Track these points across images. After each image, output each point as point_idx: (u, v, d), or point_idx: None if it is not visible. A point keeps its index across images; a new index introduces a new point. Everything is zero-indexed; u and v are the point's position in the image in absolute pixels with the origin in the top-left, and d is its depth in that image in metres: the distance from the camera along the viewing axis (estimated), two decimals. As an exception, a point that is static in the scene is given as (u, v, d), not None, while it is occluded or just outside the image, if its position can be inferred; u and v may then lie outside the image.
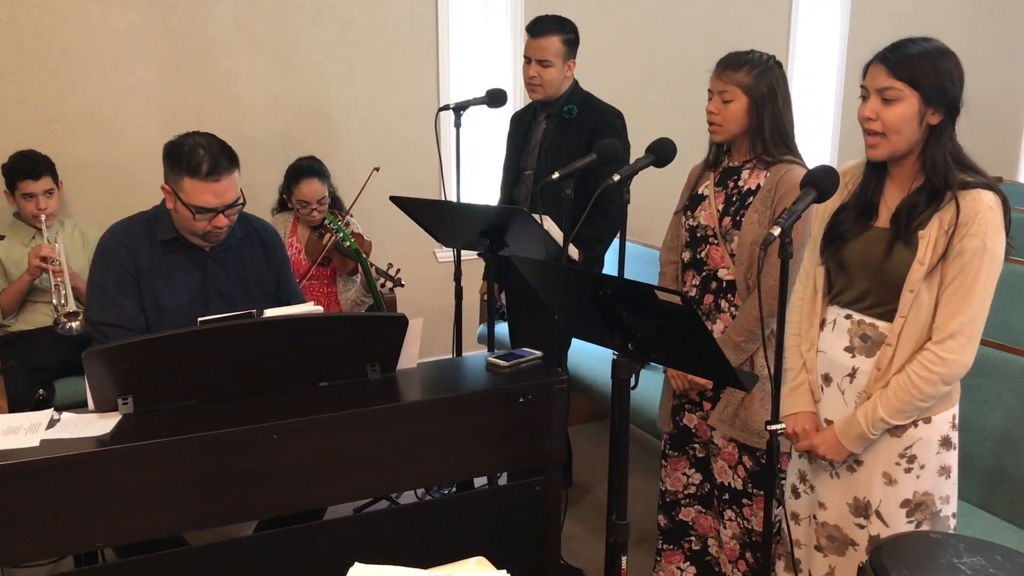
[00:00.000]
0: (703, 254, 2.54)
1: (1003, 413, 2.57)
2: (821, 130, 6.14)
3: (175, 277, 2.48)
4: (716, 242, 2.50)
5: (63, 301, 3.28)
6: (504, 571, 1.33)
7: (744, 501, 2.57)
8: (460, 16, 4.78)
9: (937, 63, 1.88)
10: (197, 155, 2.36)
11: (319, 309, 2.24)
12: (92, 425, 1.98)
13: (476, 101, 3.17)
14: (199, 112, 4.15)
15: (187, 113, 4.12)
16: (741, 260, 2.43)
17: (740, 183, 2.48)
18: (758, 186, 2.44)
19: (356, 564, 1.31)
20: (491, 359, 2.41)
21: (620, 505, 2.08)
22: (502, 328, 4.33)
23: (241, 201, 2.47)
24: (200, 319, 2.07)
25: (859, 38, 5.98)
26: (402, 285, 3.78)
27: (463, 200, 3.28)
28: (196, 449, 1.93)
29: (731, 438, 2.53)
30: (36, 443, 1.89)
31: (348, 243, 3.54)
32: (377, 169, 3.92)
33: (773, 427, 1.90)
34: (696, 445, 2.68)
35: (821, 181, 1.84)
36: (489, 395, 2.26)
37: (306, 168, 3.84)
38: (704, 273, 2.55)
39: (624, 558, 2.11)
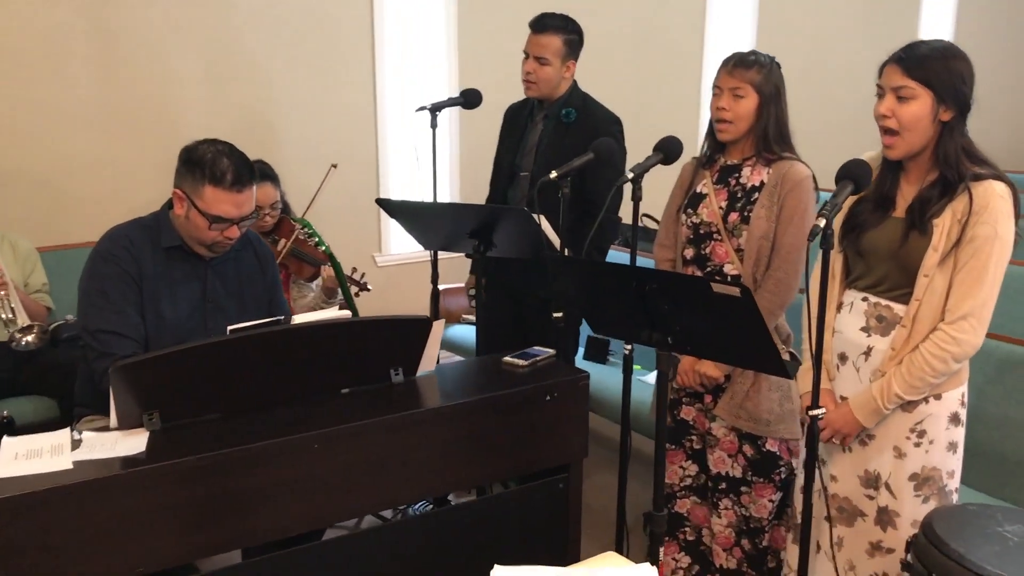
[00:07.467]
0: (707, 250, 2.58)
1: (973, 391, 2.74)
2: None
3: (176, 286, 2.37)
4: (720, 238, 2.55)
5: (11, 316, 3.06)
6: (648, 563, 1.33)
7: (743, 489, 2.65)
8: (395, 16, 4.72)
9: (950, 63, 2.02)
10: (222, 164, 2.28)
11: (347, 313, 2.18)
12: (121, 444, 1.86)
13: (452, 102, 3.15)
14: (134, 118, 3.94)
15: (120, 119, 3.91)
16: (749, 255, 2.49)
17: (742, 180, 2.54)
18: (762, 183, 2.50)
19: (496, 566, 1.29)
20: (507, 359, 2.40)
21: (658, 498, 2.12)
22: (462, 331, 4.31)
23: (255, 215, 2.43)
24: (230, 328, 1.98)
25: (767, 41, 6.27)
26: (368, 290, 3.71)
27: (425, 200, 3.22)
28: (241, 463, 1.85)
29: (732, 427, 2.61)
30: (69, 465, 1.76)
31: (324, 248, 3.46)
32: (335, 166, 3.83)
33: (815, 412, 1.99)
34: (693, 437, 2.74)
35: (857, 173, 1.93)
36: (518, 395, 2.25)
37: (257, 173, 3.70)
38: (708, 269, 2.59)
39: (661, 549, 2.15)
